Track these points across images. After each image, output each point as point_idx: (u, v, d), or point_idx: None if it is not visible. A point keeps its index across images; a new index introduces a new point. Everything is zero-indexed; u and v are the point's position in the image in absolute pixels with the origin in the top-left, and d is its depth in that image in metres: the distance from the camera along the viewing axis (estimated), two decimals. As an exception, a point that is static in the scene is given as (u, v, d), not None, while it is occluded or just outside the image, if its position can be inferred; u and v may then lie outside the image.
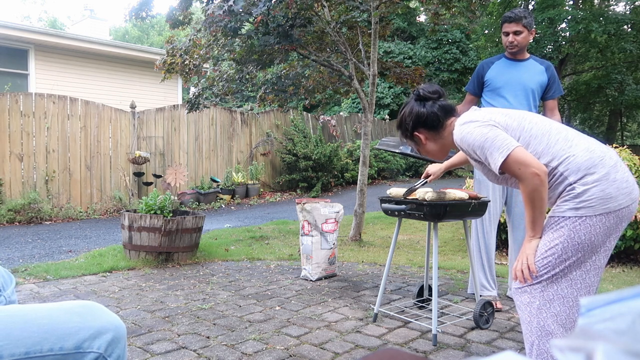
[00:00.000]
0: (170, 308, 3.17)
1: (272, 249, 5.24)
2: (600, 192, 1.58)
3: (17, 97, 7.58)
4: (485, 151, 1.67)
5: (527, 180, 1.60)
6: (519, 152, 1.62)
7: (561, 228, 1.63)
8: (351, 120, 13.09)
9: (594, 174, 1.59)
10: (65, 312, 1.10)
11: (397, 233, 2.95)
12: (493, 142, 1.65)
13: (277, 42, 5.01)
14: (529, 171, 1.59)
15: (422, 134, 1.91)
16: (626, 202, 1.61)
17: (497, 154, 1.63)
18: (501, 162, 1.62)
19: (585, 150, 1.63)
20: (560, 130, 1.70)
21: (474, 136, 1.70)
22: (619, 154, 5.24)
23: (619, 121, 21.26)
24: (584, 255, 1.63)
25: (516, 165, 1.61)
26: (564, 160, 1.63)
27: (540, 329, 1.65)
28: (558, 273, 1.64)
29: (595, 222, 1.60)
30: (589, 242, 1.61)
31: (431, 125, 1.88)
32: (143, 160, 8.45)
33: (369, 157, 7.82)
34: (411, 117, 1.90)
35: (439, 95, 1.90)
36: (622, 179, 1.61)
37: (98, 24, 14.36)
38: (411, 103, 1.92)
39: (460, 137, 1.75)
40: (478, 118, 1.73)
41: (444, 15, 6.44)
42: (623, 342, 0.35)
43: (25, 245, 5.47)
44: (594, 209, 1.59)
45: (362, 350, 2.49)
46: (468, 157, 1.85)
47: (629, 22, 15.48)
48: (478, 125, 1.70)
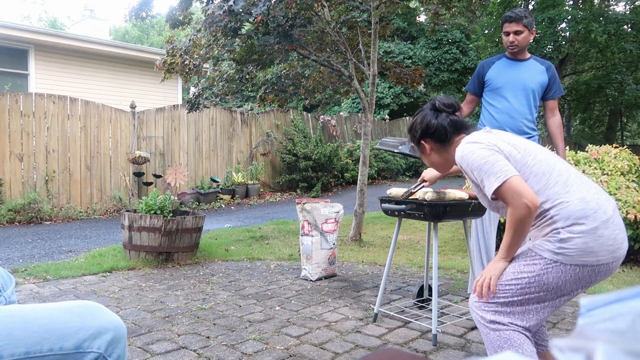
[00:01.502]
0: (170, 308, 3.17)
1: (272, 249, 5.24)
2: (583, 245, 1.57)
3: (17, 97, 7.58)
4: (483, 174, 1.67)
5: (516, 210, 1.60)
6: (515, 180, 1.61)
7: (534, 264, 1.64)
8: (351, 120, 13.09)
9: (582, 224, 1.58)
10: (65, 312, 1.10)
11: (397, 233, 2.95)
12: (492, 166, 1.65)
13: (277, 42, 5.01)
14: (521, 201, 1.58)
15: (428, 143, 1.92)
16: (606, 260, 1.60)
17: (494, 179, 1.63)
18: (496, 187, 1.62)
19: (581, 199, 1.62)
20: (561, 172, 1.68)
21: (474, 157, 1.70)
22: (618, 153, 5.25)
23: (619, 121, 21.26)
24: (546, 294, 1.66)
25: (509, 193, 1.61)
26: (557, 204, 1.63)
27: (497, 338, 1.70)
28: (515, 301, 1.68)
29: (568, 270, 1.61)
30: (555, 286, 1.63)
31: (438, 137, 1.89)
32: (143, 160, 8.45)
33: (369, 157, 7.83)
34: (421, 126, 1.92)
35: (454, 110, 1.91)
36: (609, 236, 1.59)
37: (98, 24, 14.36)
38: (425, 111, 1.94)
39: (461, 155, 1.75)
40: (483, 140, 1.73)
41: (444, 15, 6.44)
42: (623, 342, 0.35)
43: (25, 245, 5.47)
44: (571, 258, 1.59)
45: (362, 350, 2.49)
46: (469, 181, 1.85)
47: (629, 22, 15.48)
48: (481, 147, 1.71)
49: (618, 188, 4.62)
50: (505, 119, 3.15)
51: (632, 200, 4.38)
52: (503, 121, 3.16)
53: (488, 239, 3.26)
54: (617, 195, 4.50)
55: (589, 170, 5.03)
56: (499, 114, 3.17)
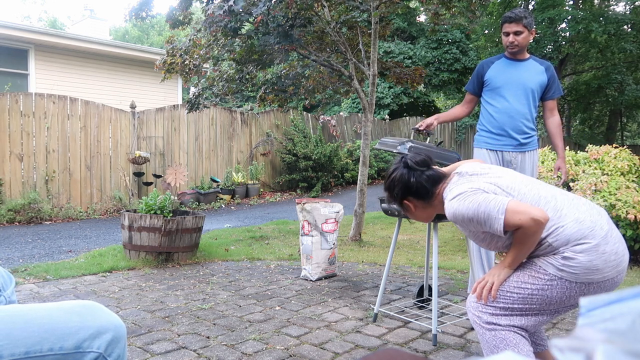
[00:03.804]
0: (170, 308, 3.17)
1: (272, 249, 5.24)
2: (588, 263, 1.58)
3: (17, 97, 7.58)
4: (482, 216, 1.64)
5: (529, 228, 1.58)
6: (514, 204, 1.61)
7: (538, 278, 1.64)
8: (351, 120, 13.09)
9: (583, 244, 1.59)
10: (65, 312, 1.10)
11: (397, 233, 2.95)
12: (487, 205, 1.63)
13: (277, 42, 5.01)
14: (530, 217, 1.57)
15: (411, 202, 1.89)
16: (611, 275, 1.61)
17: (495, 213, 1.61)
18: (502, 222, 1.60)
19: (575, 221, 1.62)
20: (548, 199, 1.68)
21: (465, 207, 1.68)
22: (618, 154, 5.25)
23: (619, 121, 21.25)
24: (547, 308, 1.66)
25: (516, 215, 1.59)
26: (553, 231, 1.62)
27: (493, 338, 1.71)
28: (515, 308, 1.68)
29: (573, 287, 1.61)
30: (558, 300, 1.63)
31: (421, 195, 1.86)
32: (143, 160, 8.45)
33: (369, 157, 7.82)
34: (400, 186, 1.87)
35: (427, 166, 1.86)
36: (611, 251, 1.60)
37: (98, 24, 14.35)
38: (400, 170, 1.88)
39: (453, 212, 1.72)
40: (464, 190, 1.71)
41: (444, 15, 6.44)
42: (623, 342, 0.35)
43: (25, 245, 5.47)
44: (576, 276, 1.59)
45: (362, 350, 2.49)
46: (466, 230, 1.81)
47: (629, 22, 15.47)
48: (466, 196, 1.69)
49: (618, 188, 4.62)
50: (505, 119, 3.15)
51: (632, 200, 4.38)
52: (502, 121, 3.16)
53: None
54: (617, 195, 4.50)
55: (589, 171, 5.03)
56: (498, 113, 3.17)
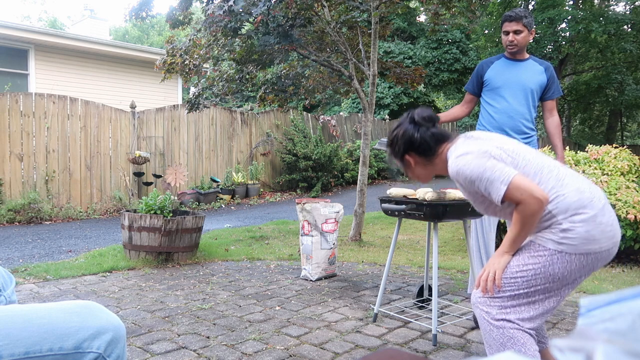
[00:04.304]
0: (170, 308, 3.17)
1: (272, 249, 5.24)
2: (585, 233, 1.60)
3: (17, 97, 7.58)
4: (485, 182, 1.65)
5: (528, 206, 1.60)
6: (520, 179, 1.62)
7: (539, 256, 1.65)
8: (351, 120, 13.09)
9: (582, 214, 1.61)
10: (64, 312, 1.10)
11: (397, 233, 2.95)
12: (492, 172, 1.64)
13: (277, 42, 5.01)
14: (532, 196, 1.59)
15: (412, 157, 1.88)
16: (607, 246, 1.64)
17: (499, 184, 1.62)
18: (504, 191, 1.61)
19: (576, 190, 1.65)
20: (552, 168, 1.70)
21: (471, 168, 1.68)
22: (618, 154, 5.25)
23: (619, 121, 21.24)
24: (552, 285, 1.66)
25: (518, 192, 1.60)
26: (554, 199, 1.64)
27: (501, 336, 1.69)
28: (521, 294, 1.68)
29: (573, 260, 1.62)
30: (561, 276, 1.64)
31: (422, 151, 1.85)
32: (143, 160, 8.45)
33: (369, 157, 7.81)
34: (403, 140, 1.87)
35: (433, 123, 1.87)
36: (607, 222, 1.63)
37: (98, 24, 14.35)
38: (405, 125, 1.89)
39: (457, 170, 1.72)
40: (473, 150, 1.71)
41: (444, 15, 6.44)
42: (623, 342, 0.35)
43: (25, 245, 5.47)
44: (575, 247, 1.61)
45: (362, 350, 2.49)
46: (460, 189, 1.82)
47: (629, 22, 15.46)
48: (474, 157, 1.69)
49: (618, 188, 4.62)
50: (504, 119, 3.15)
51: (632, 200, 4.38)
52: (502, 121, 3.15)
53: (488, 239, 3.25)
54: (617, 195, 4.50)
55: (589, 171, 5.03)
56: (497, 113, 3.17)
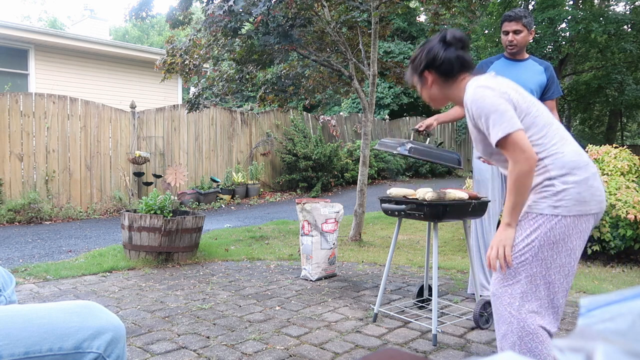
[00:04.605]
0: (170, 308, 3.17)
1: (272, 249, 5.24)
2: (577, 195, 1.64)
3: (17, 97, 7.58)
4: (490, 121, 1.67)
5: (517, 164, 1.62)
6: (520, 135, 1.64)
7: (538, 226, 1.67)
8: (351, 120, 13.09)
9: (575, 175, 1.65)
10: (64, 312, 1.10)
11: (397, 233, 2.95)
12: (501, 115, 1.65)
13: (277, 42, 5.00)
14: (522, 156, 1.62)
15: (431, 75, 1.85)
16: (596, 210, 1.68)
17: (499, 128, 1.64)
18: (500, 137, 1.63)
19: (574, 152, 1.69)
20: (558, 128, 1.74)
21: (486, 102, 1.69)
22: (618, 154, 5.25)
23: (619, 121, 21.23)
24: (559, 255, 1.67)
25: (512, 146, 1.63)
26: (553, 154, 1.68)
27: (521, 329, 1.67)
28: (536, 273, 1.68)
29: (569, 223, 1.65)
30: (563, 243, 1.66)
31: (444, 71, 1.83)
32: (143, 160, 8.45)
33: (369, 157, 7.81)
34: (427, 56, 1.84)
35: (463, 45, 1.84)
36: (597, 187, 1.68)
37: (98, 24, 14.35)
38: (433, 42, 1.85)
39: (473, 98, 1.72)
40: (495, 86, 1.72)
41: (444, 15, 6.43)
42: (623, 342, 0.35)
43: (25, 245, 5.47)
44: (568, 209, 1.64)
45: (362, 350, 2.49)
46: (468, 121, 1.83)
47: (629, 22, 15.46)
48: (493, 94, 1.69)
49: (618, 188, 4.62)
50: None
51: (632, 200, 4.38)
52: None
53: (488, 239, 3.26)
54: (617, 195, 4.50)
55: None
56: (499, 114, 3.17)
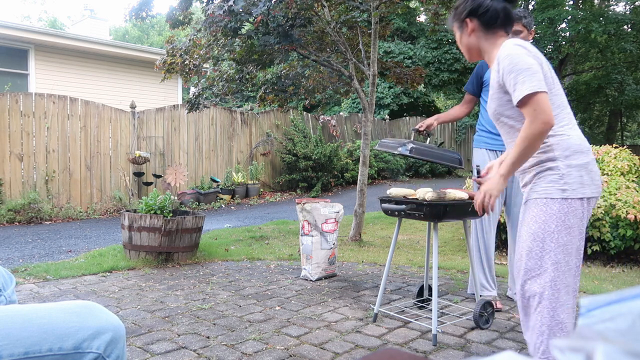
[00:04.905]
0: (170, 308, 3.17)
1: (272, 249, 5.24)
2: (579, 178, 1.72)
3: (17, 97, 7.58)
4: (519, 78, 1.69)
5: (534, 124, 1.66)
6: (544, 97, 1.67)
7: (552, 210, 1.72)
8: (351, 120, 13.09)
9: (578, 158, 1.72)
10: (64, 312, 1.10)
11: (397, 233, 2.95)
12: (531, 75, 1.68)
13: (277, 42, 5.00)
14: (542, 117, 1.65)
15: (472, 23, 1.86)
16: (594, 194, 1.76)
17: (528, 85, 1.66)
18: (526, 94, 1.66)
19: (579, 137, 1.77)
20: (569, 113, 1.81)
21: (521, 59, 1.71)
22: (618, 154, 5.25)
23: (619, 121, 21.24)
24: (575, 238, 1.72)
25: (535, 105, 1.66)
26: (560, 135, 1.74)
27: (551, 319, 1.71)
28: (560, 260, 1.71)
29: (577, 206, 1.71)
30: (576, 226, 1.72)
31: (487, 21, 1.84)
32: (143, 160, 8.45)
33: (369, 157, 7.81)
34: (473, 3, 1.85)
35: (511, 1, 1.87)
36: (596, 171, 1.77)
37: (98, 24, 14.35)
38: None
39: (509, 53, 1.74)
40: (531, 50, 1.76)
41: (444, 15, 6.44)
42: (623, 342, 0.35)
43: (25, 245, 5.47)
44: (575, 191, 1.71)
45: (362, 350, 2.49)
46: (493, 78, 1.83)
47: (629, 22, 15.47)
48: (528, 54, 1.73)
49: (618, 188, 4.62)
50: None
51: (632, 200, 4.38)
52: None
53: (488, 239, 3.25)
54: (617, 195, 4.50)
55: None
56: (499, 114, 3.17)
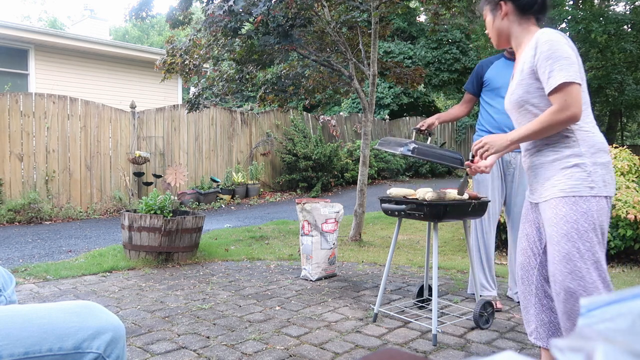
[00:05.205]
0: (170, 308, 3.17)
1: (272, 249, 5.24)
2: (603, 176, 1.74)
3: (17, 97, 7.58)
4: (556, 65, 1.67)
5: (562, 113, 1.66)
6: (579, 90, 1.67)
7: (582, 212, 1.71)
8: (351, 120, 13.09)
9: (602, 157, 1.75)
10: (64, 312, 1.10)
11: (397, 233, 2.95)
12: (569, 65, 1.67)
13: (277, 42, 5.00)
14: (572, 110, 1.66)
15: (507, 6, 1.84)
16: (611, 193, 1.77)
17: (566, 74, 1.65)
18: (563, 82, 1.65)
19: (602, 136, 1.81)
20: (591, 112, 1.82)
21: (562, 47, 1.69)
22: (618, 154, 5.25)
23: (619, 121, 21.23)
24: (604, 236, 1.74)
25: (569, 94, 1.66)
26: (586, 131, 1.75)
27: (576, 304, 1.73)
28: (599, 259, 1.72)
29: (604, 205, 1.73)
30: (605, 224, 1.74)
31: (523, 5, 1.82)
32: (143, 160, 8.45)
33: (369, 157, 7.81)
34: None
35: None
36: (613, 171, 1.81)
37: (98, 24, 14.35)
38: None
39: (550, 39, 1.70)
40: (569, 42, 1.74)
41: (444, 15, 6.44)
42: (623, 342, 0.35)
43: (25, 245, 5.47)
44: (601, 189, 1.72)
45: (362, 350, 2.49)
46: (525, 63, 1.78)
47: (629, 22, 15.46)
48: (567, 44, 1.72)
49: (618, 188, 4.62)
50: (505, 120, 3.15)
51: (632, 200, 4.38)
52: (502, 121, 3.16)
53: (487, 239, 3.25)
54: (617, 195, 4.50)
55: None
56: (498, 114, 3.17)
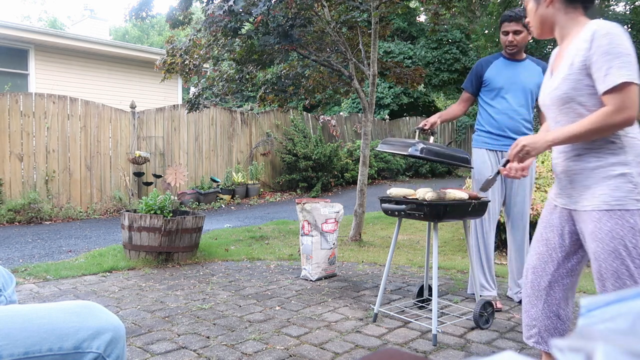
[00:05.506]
0: (170, 308, 3.17)
1: (272, 249, 5.24)
2: None
3: (17, 97, 7.58)
4: (615, 62, 1.54)
5: (618, 115, 1.55)
6: (637, 91, 1.55)
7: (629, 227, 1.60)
8: (351, 120, 13.09)
9: None
10: (64, 313, 1.10)
11: (397, 233, 2.95)
12: (630, 63, 1.54)
13: (277, 42, 5.00)
14: (629, 112, 1.54)
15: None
16: None
17: (626, 72, 1.53)
18: (623, 81, 1.53)
19: None
20: None
21: (621, 42, 1.56)
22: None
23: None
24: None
25: (627, 95, 1.54)
26: (631, 137, 1.63)
27: None
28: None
29: None
30: None
31: None
32: (143, 160, 8.45)
33: (369, 157, 7.82)
34: None
35: None
36: None
37: (98, 24, 14.36)
38: None
39: (609, 32, 1.58)
40: (628, 37, 1.63)
41: (444, 15, 6.44)
42: (623, 342, 0.35)
43: (25, 245, 5.47)
44: None
45: (362, 350, 2.49)
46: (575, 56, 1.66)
47: (629, 22, 15.47)
48: (628, 40, 1.58)
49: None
50: (505, 120, 3.15)
51: None
52: (502, 122, 3.16)
53: (487, 239, 3.25)
54: None
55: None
56: (498, 114, 3.17)
